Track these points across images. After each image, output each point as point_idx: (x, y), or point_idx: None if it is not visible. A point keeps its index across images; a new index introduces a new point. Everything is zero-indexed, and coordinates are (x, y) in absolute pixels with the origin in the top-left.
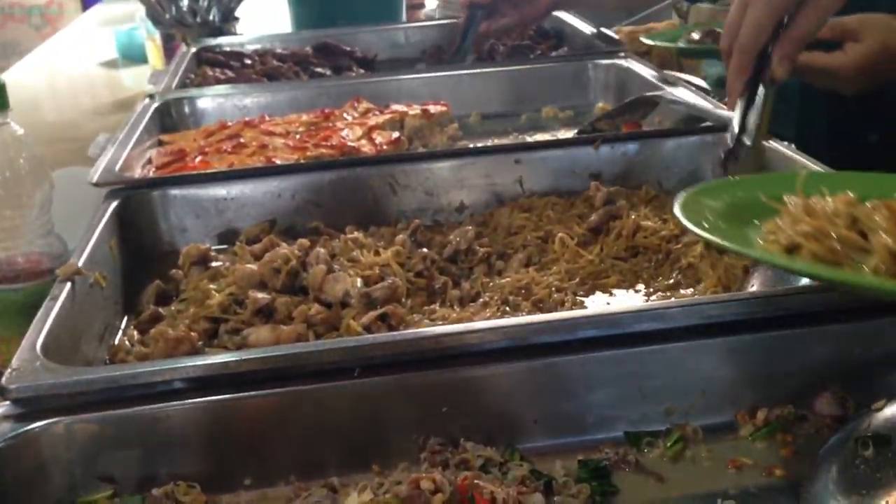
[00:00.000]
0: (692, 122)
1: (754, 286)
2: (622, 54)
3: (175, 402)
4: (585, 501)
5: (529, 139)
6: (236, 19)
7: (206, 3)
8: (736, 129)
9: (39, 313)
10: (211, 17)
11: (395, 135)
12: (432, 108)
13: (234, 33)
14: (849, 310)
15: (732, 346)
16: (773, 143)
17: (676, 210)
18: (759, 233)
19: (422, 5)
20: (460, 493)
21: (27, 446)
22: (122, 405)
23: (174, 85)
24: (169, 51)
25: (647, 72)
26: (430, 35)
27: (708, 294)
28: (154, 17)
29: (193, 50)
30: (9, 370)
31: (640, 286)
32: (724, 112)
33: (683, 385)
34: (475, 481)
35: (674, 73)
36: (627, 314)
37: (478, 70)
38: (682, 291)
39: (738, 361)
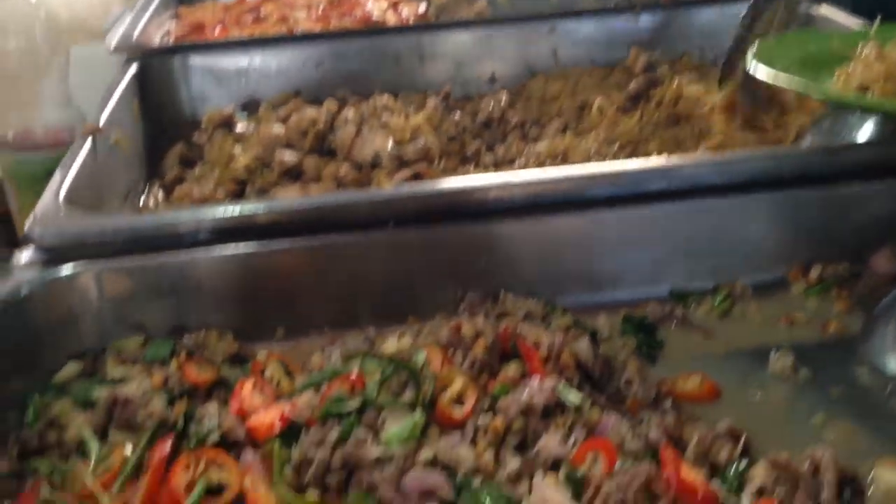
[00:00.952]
0: None
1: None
2: None
3: (205, 252)
4: (631, 353)
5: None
6: None
7: None
8: None
9: (59, 167)
10: None
11: (422, 8)
12: None
13: None
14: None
15: (786, 201)
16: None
17: (750, 58)
18: (830, 80)
19: None
20: (502, 340)
21: (56, 293)
22: (151, 253)
23: None
24: None
25: None
26: None
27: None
28: None
29: None
30: (31, 217)
31: None
32: None
33: (732, 242)
34: (519, 325)
35: None
36: (675, 167)
37: None
38: None
39: (792, 217)
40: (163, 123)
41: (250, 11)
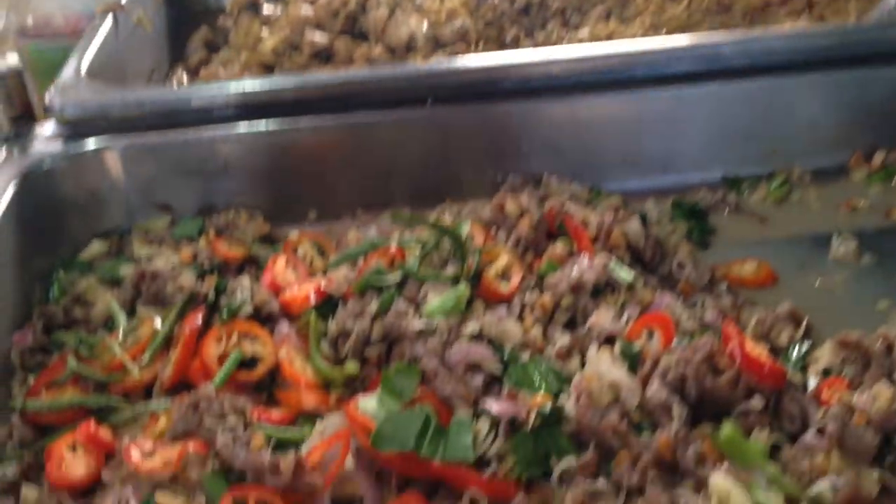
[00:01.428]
0: None
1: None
2: None
3: (234, 128)
4: (682, 238)
5: None
6: None
7: None
8: None
9: (80, 42)
10: None
11: None
12: None
13: None
14: None
15: (848, 82)
16: None
17: None
18: None
19: None
20: (548, 219)
21: (78, 168)
22: (177, 129)
23: None
24: None
25: None
26: None
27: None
28: None
29: None
30: (51, 89)
31: None
32: None
33: (790, 125)
34: (564, 203)
35: None
36: (728, 43)
37: None
38: None
39: (854, 99)
40: (186, 6)
41: None
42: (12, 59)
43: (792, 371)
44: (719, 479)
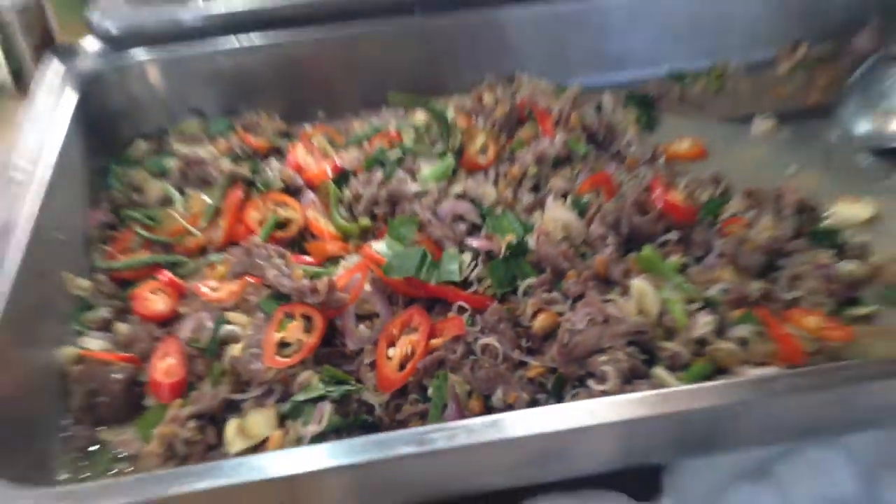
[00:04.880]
0: None
1: None
2: None
3: (251, 39)
4: (632, 122)
5: None
6: None
7: None
8: None
9: None
10: None
11: None
12: None
13: None
14: None
15: None
16: None
17: None
18: None
19: None
20: (519, 107)
21: (125, 78)
22: (203, 39)
23: None
24: None
25: None
26: None
27: None
28: None
29: None
30: (95, 8)
31: None
32: None
33: (727, 24)
34: (532, 96)
35: None
36: None
37: None
38: None
39: (782, 1)
40: None
41: None
42: None
43: (704, 215)
44: (638, 282)
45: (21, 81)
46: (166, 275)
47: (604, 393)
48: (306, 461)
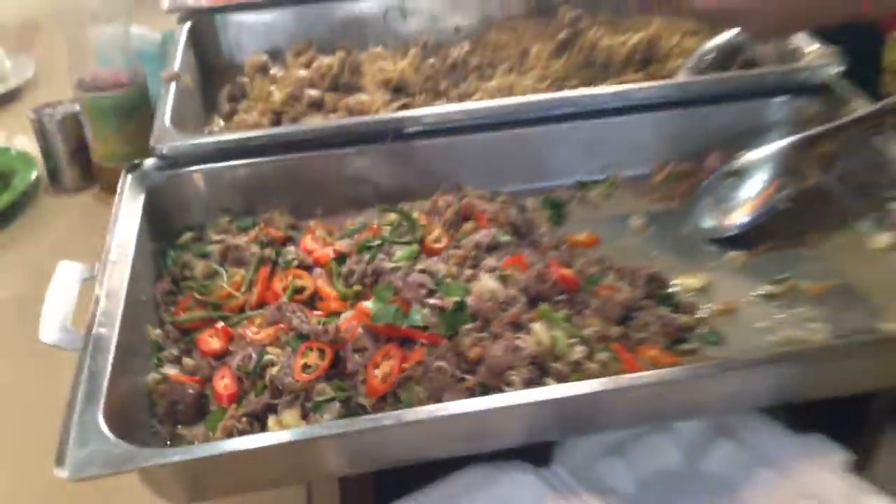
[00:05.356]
0: None
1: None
2: None
3: (268, 159)
4: (544, 220)
5: None
6: None
7: None
8: None
9: (158, 105)
10: None
11: None
12: None
13: None
14: (736, 95)
15: (655, 120)
16: None
17: None
18: None
19: None
20: (463, 209)
21: (177, 186)
22: (232, 159)
23: None
24: None
25: None
26: None
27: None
28: None
29: None
30: (153, 136)
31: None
32: None
33: (618, 148)
34: (474, 203)
35: None
36: (582, 96)
37: None
38: None
39: (657, 130)
40: (211, 68)
41: None
42: (71, 107)
43: (586, 284)
44: (537, 326)
45: (56, 179)
46: (219, 324)
47: None
48: (311, 430)
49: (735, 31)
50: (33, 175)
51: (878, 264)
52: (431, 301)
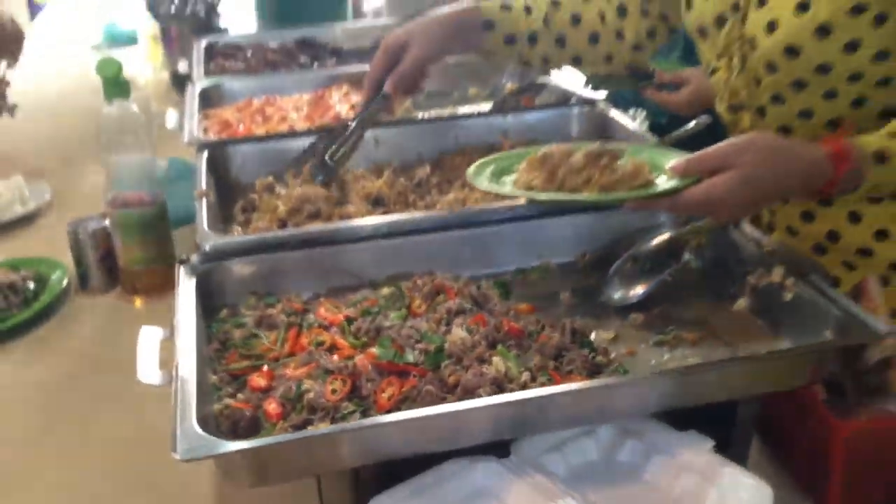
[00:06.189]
0: (565, 99)
1: None
2: None
3: (285, 253)
4: (495, 296)
5: (461, 111)
6: (218, 14)
7: (193, 0)
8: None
9: (197, 215)
10: (199, 12)
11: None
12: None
13: (218, 26)
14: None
15: (576, 221)
16: None
17: (468, 172)
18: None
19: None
20: (436, 287)
21: (216, 276)
22: (254, 255)
23: (202, 73)
24: (167, 39)
25: None
26: (378, 30)
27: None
28: (155, 11)
29: (203, 44)
30: (197, 236)
31: None
32: (584, 93)
33: (548, 242)
34: (444, 283)
35: None
36: (520, 205)
37: None
38: None
39: (578, 228)
40: (224, 187)
41: (257, 112)
42: (103, 222)
43: (530, 333)
44: (496, 360)
45: (85, 282)
46: (264, 368)
47: None
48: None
49: None
50: (65, 280)
51: (736, 322)
52: (419, 346)
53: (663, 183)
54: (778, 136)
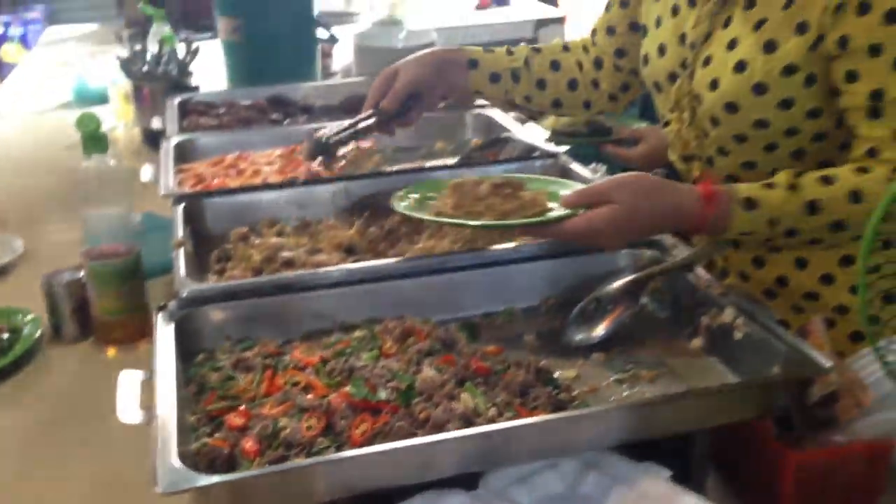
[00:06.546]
0: (528, 153)
1: None
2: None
3: (259, 299)
4: (463, 338)
5: (428, 164)
6: (190, 73)
7: (166, 59)
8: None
9: (174, 261)
10: (171, 71)
11: (342, 163)
12: (363, 144)
13: (191, 85)
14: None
15: (540, 267)
16: None
17: (393, 200)
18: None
19: (329, 55)
20: (406, 329)
21: (192, 320)
22: (231, 300)
23: (176, 129)
24: (139, 97)
25: (504, 117)
26: (347, 88)
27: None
28: (127, 70)
29: (177, 102)
30: (175, 283)
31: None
32: (546, 147)
33: (514, 287)
34: (414, 326)
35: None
36: (485, 252)
37: None
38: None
39: (542, 274)
40: (201, 239)
41: (231, 167)
42: (77, 273)
43: (496, 372)
44: (464, 395)
45: (59, 333)
46: (241, 407)
47: None
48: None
49: None
50: (39, 331)
51: (691, 359)
52: (391, 385)
53: (555, 212)
54: (656, 177)
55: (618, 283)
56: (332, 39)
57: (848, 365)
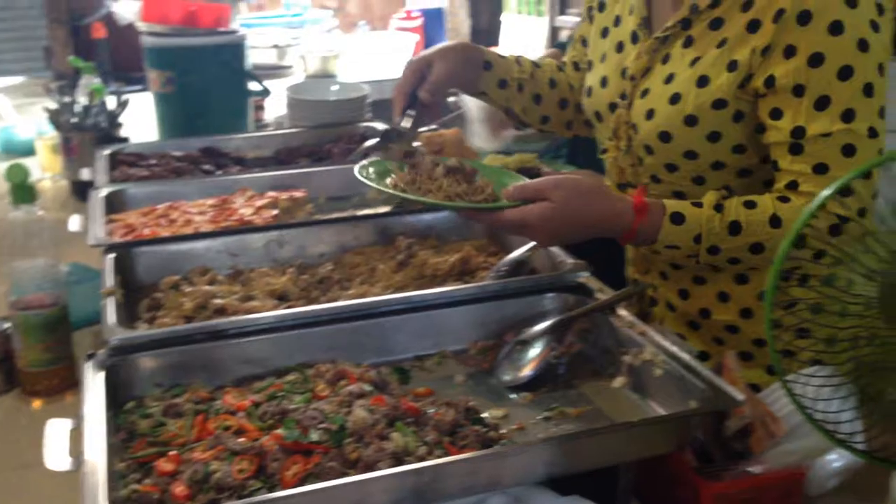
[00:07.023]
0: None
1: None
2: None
3: (188, 347)
4: (394, 381)
5: (360, 213)
6: (120, 125)
7: (96, 111)
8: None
9: (105, 311)
10: (100, 123)
11: (274, 212)
12: (296, 194)
13: (121, 136)
14: (522, 292)
15: (468, 311)
16: None
17: (356, 170)
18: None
19: (261, 107)
20: (340, 373)
21: (122, 369)
22: (160, 349)
23: (106, 179)
24: (68, 148)
25: None
26: (280, 139)
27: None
28: (56, 122)
29: (107, 153)
30: (103, 331)
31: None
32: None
33: (442, 331)
34: (346, 369)
35: None
36: (414, 296)
37: (319, 168)
38: None
39: (470, 318)
40: (131, 288)
41: (162, 216)
42: (2, 325)
43: (426, 412)
44: (395, 435)
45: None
46: (171, 452)
47: None
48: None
49: (523, 249)
50: None
51: (615, 397)
52: (322, 426)
53: (500, 202)
54: (596, 181)
55: (543, 325)
56: (265, 92)
57: (761, 398)
